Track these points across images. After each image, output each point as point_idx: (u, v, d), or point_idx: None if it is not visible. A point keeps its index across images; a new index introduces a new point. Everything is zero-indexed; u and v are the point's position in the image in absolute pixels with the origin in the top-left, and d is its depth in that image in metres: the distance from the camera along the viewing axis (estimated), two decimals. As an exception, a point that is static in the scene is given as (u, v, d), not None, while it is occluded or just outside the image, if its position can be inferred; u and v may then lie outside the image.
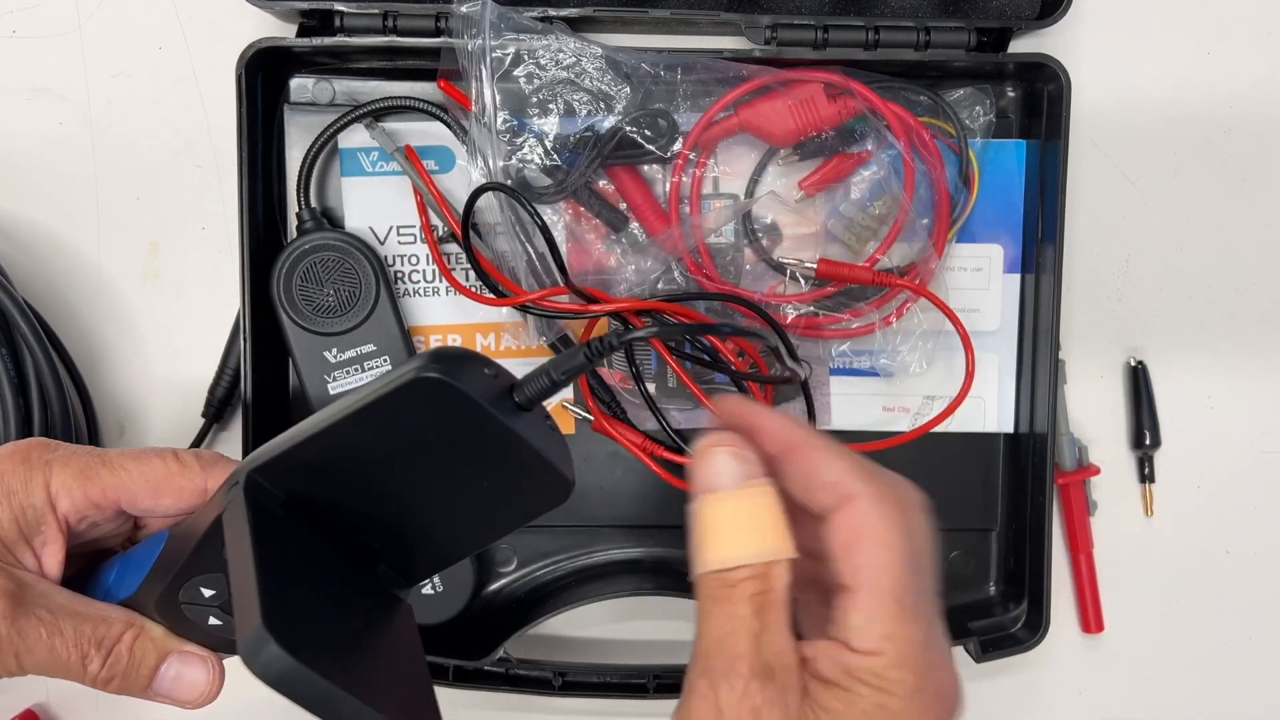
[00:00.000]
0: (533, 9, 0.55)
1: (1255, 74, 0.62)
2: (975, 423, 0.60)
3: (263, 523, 0.36)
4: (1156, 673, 0.64)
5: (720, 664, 0.33)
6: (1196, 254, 0.62)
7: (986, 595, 0.61)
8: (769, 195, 0.58)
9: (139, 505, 0.42)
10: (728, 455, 0.35)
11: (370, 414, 0.35)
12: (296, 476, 0.37)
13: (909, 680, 0.32)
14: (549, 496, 0.38)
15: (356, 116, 0.56)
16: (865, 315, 0.57)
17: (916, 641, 0.33)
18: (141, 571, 0.41)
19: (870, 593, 0.33)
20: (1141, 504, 0.63)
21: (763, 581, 0.33)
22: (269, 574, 0.34)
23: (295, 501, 0.37)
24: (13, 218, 0.60)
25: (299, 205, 0.56)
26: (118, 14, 0.60)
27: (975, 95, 0.58)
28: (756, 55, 0.56)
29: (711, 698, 0.33)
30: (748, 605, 0.33)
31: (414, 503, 0.38)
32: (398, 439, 0.36)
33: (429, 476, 0.37)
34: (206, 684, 0.42)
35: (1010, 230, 0.59)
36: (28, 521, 0.40)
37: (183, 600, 0.40)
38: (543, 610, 0.58)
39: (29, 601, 0.39)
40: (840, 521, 0.34)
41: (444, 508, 0.39)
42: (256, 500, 0.37)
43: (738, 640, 0.33)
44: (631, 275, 0.56)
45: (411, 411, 0.35)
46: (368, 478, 0.37)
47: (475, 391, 0.35)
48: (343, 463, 0.37)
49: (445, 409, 0.35)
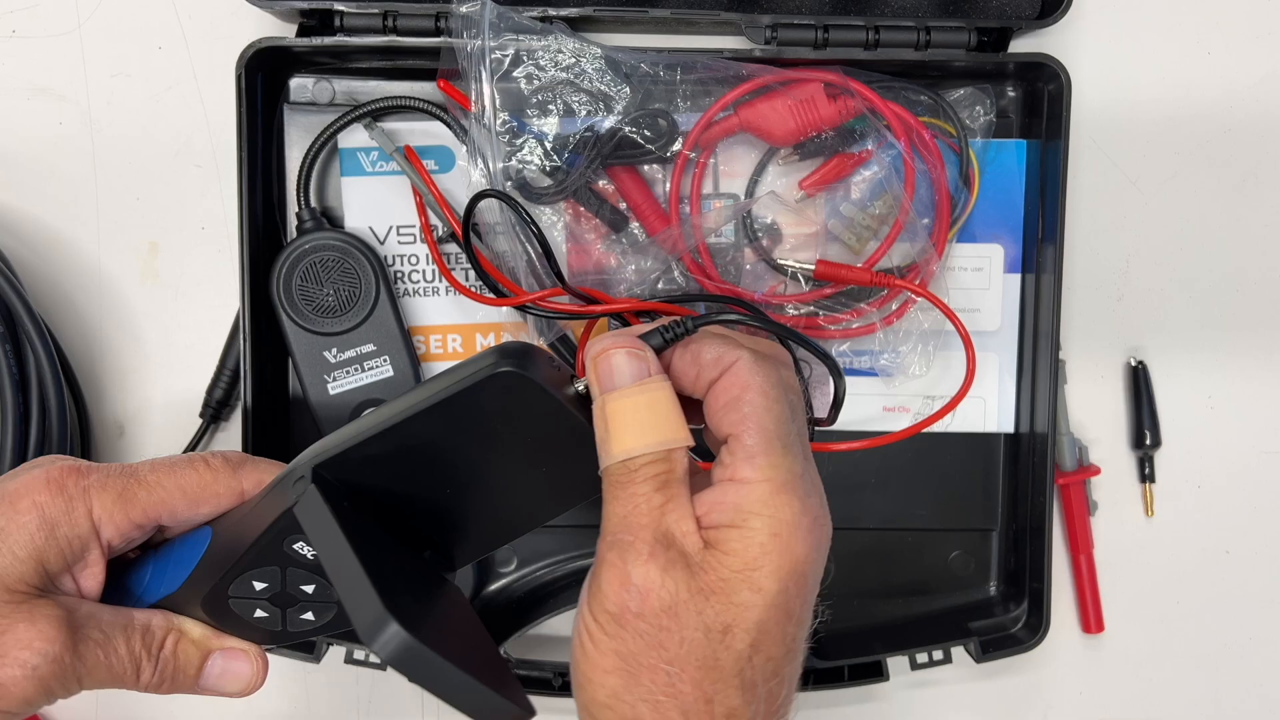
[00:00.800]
0: (532, 9, 0.55)
1: (1255, 74, 0.62)
2: (976, 423, 0.60)
3: (342, 514, 0.37)
4: (1156, 673, 0.64)
5: (626, 536, 0.36)
6: (1196, 254, 0.62)
7: (986, 595, 0.61)
8: (769, 195, 0.58)
9: (179, 518, 0.42)
10: (624, 355, 0.38)
11: (443, 409, 0.37)
12: (361, 470, 0.38)
13: (794, 504, 0.35)
14: (597, 482, 0.39)
15: (356, 116, 0.56)
16: (865, 315, 0.57)
17: (795, 472, 0.36)
18: (184, 569, 0.42)
19: (755, 433, 0.36)
20: (1141, 504, 0.63)
21: (663, 464, 0.36)
22: (370, 561, 0.35)
23: (358, 494, 0.39)
24: (13, 218, 0.60)
25: (299, 205, 0.56)
26: (118, 14, 0.60)
27: (975, 95, 0.58)
28: (756, 55, 0.56)
29: (620, 566, 0.35)
30: (649, 484, 0.36)
31: (473, 488, 0.40)
32: (465, 432, 0.38)
33: (490, 466, 0.39)
34: (251, 674, 0.43)
35: (1010, 230, 0.59)
36: (73, 552, 0.41)
37: (232, 595, 0.41)
38: (543, 610, 0.58)
39: (81, 625, 0.40)
40: (723, 383, 0.37)
41: (499, 495, 0.40)
42: (328, 494, 0.38)
43: (640, 515, 0.36)
44: (631, 275, 0.56)
45: (484, 405, 0.37)
46: (431, 468, 0.39)
47: (549, 383, 0.37)
48: (407, 455, 0.38)
49: (517, 401, 0.37)
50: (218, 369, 0.59)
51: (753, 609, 0.35)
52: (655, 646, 0.35)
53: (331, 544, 0.36)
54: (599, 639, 0.36)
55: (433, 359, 0.59)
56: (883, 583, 0.61)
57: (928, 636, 0.59)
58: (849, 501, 0.60)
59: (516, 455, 0.39)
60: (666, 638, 0.35)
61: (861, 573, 0.61)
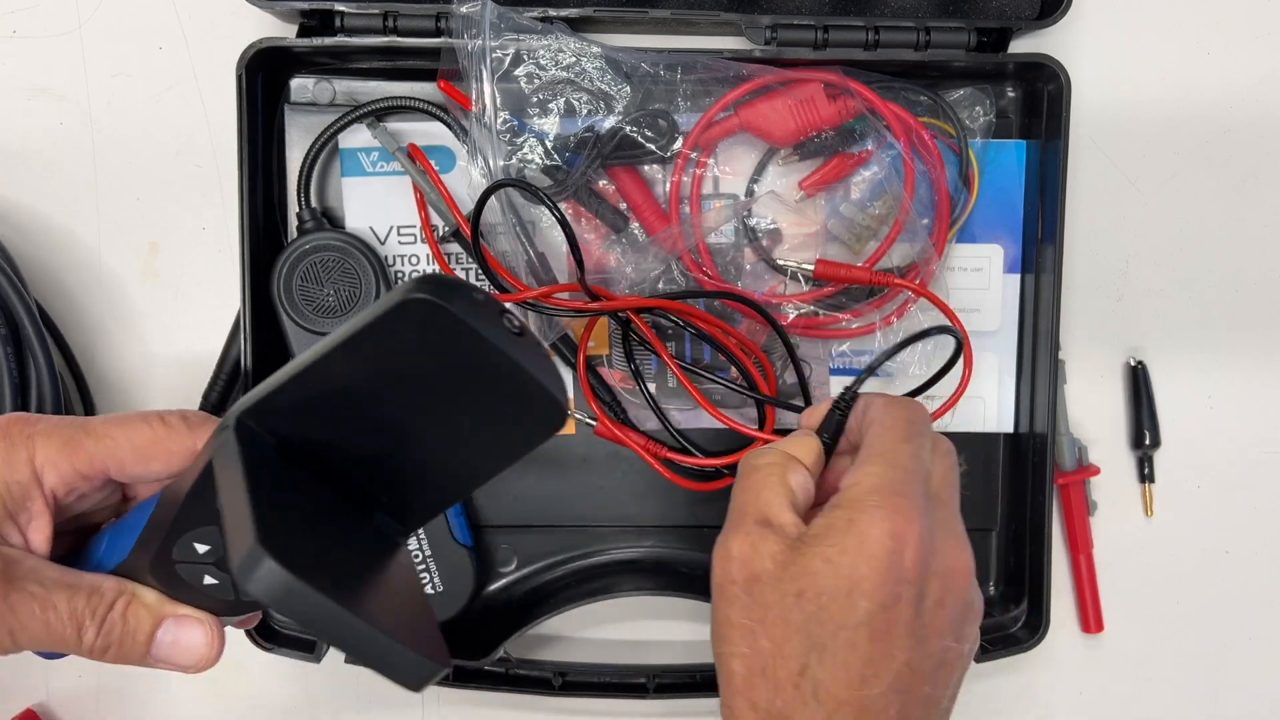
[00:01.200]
0: (533, 9, 0.55)
1: (1255, 74, 0.62)
2: (975, 422, 0.60)
3: (255, 459, 0.35)
4: (1156, 673, 0.64)
5: (734, 518, 0.41)
6: (1196, 254, 0.62)
7: (986, 595, 0.61)
8: (769, 195, 0.58)
9: (127, 472, 0.41)
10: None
11: (357, 344, 0.35)
12: (288, 418, 0.36)
13: (875, 500, 0.39)
14: (543, 425, 0.37)
15: (357, 117, 0.56)
16: (865, 315, 0.57)
17: (897, 484, 0.40)
18: (133, 536, 0.40)
19: (866, 449, 0.42)
20: (1141, 504, 0.63)
21: (779, 467, 0.42)
22: (262, 500, 0.33)
23: (288, 445, 0.37)
24: (13, 218, 0.60)
25: (299, 205, 0.56)
26: (118, 14, 0.60)
27: (975, 95, 0.58)
28: (756, 55, 0.56)
29: (724, 543, 0.41)
30: (760, 476, 0.42)
31: (407, 439, 0.37)
32: (387, 370, 0.35)
33: (421, 409, 0.37)
34: (205, 646, 0.41)
35: (1010, 230, 0.59)
36: (13, 499, 0.40)
37: (177, 559, 0.39)
38: (543, 610, 0.58)
39: (19, 577, 0.39)
40: (862, 420, 0.44)
41: (437, 443, 0.38)
42: (248, 441, 0.36)
43: (749, 502, 0.41)
44: (631, 275, 0.56)
45: (400, 339, 0.35)
46: (359, 415, 0.36)
47: (466, 314, 0.34)
48: (333, 400, 0.36)
49: (435, 334, 0.34)
50: (217, 369, 0.59)
51: (821, 576, 0.38)
52: (743, 608, 0.40)
53: (230, 487, 0.34)
54: (712, 601, 0.41)
55: (433, 359, 0.59)
56: (882, 582, 0.61)
57: (927, 636, 0.59)
58: (849, 501, 0.60)
59: (446, 398, 0.36)
60: (751, 600, 0.39)
61: (861, 572, 0.61)
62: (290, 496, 0.36)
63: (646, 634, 0.63)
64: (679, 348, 0.58)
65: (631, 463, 0.59)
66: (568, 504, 0.60)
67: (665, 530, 0.60)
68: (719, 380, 0.56)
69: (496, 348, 0.35)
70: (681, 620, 0.62)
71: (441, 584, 0.57)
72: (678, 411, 0.59)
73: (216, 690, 0.63)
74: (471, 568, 0.58)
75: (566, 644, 0.63)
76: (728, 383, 0.55)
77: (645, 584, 0.59)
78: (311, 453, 0.37)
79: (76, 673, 0.62)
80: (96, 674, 0.62)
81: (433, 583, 0.57)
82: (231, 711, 0.63)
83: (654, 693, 0.59)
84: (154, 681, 0.62)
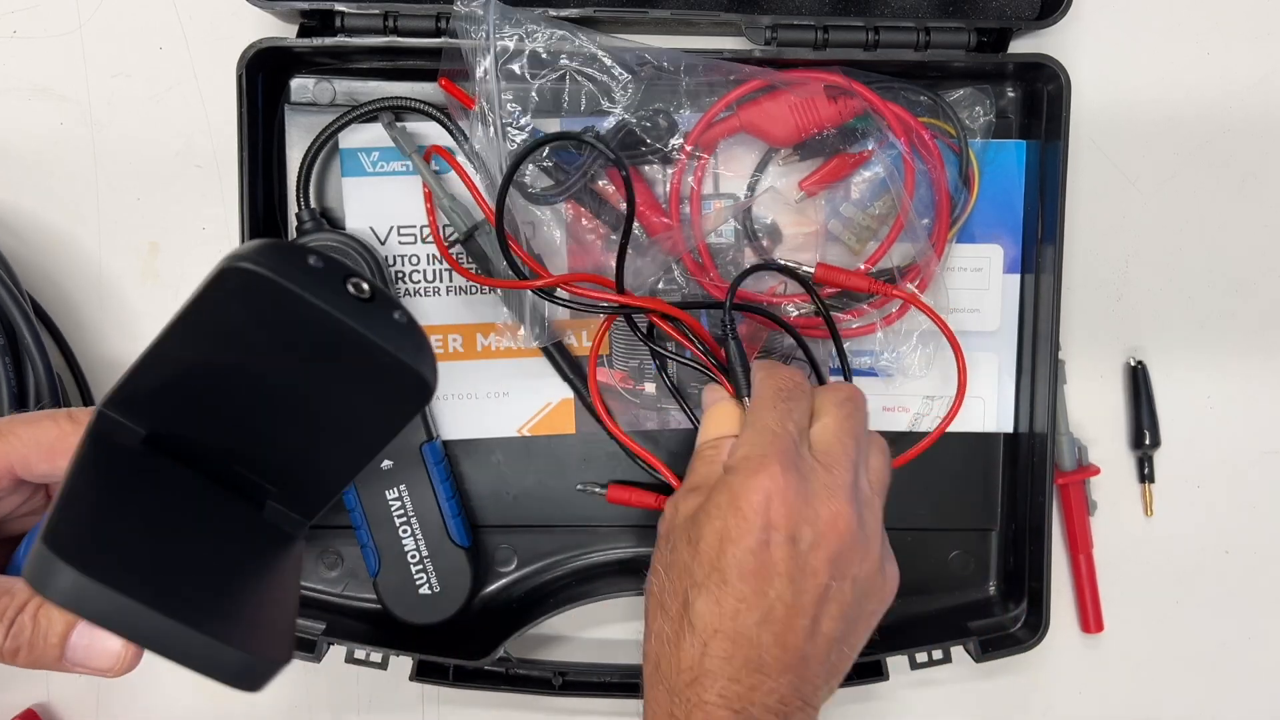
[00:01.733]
0: (533, 9, 0.55)
1: (1255, 74, 0.62)
2: (975, 422, 0.60)
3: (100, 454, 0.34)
4: (1156, 673, 0.64)
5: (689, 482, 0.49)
6: (1196, 254, 0.62)
7: (986, 595, 0.61)
8: (769, 194, 0.58)
9: (35, 471, 0.40)
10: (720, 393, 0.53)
11: (191, 321, 0.33)
12: (151, 408, 0.35)
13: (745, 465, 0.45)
14: (407, 398, 0.35)
15: (355, 117, 0.56)
16: (865, 316, 0.57)
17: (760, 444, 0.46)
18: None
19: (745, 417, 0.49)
20: (1141, 504, 0.63)
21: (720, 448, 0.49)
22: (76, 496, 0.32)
23: (161, 437, 0.35)
24: (14, 218, 0.60)
25: (299, 206, 0.56)
26: (118, 14, 0.60)
27: (975, 95, 0.58)
28: (756, 55, 0.56)
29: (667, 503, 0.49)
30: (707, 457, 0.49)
31: (276, 420, 0.36)
32: (231, 347, 0.34)
33: (280, 387, 0.35)
34: (121, 647, 0.39)
35: (1010, 230, 0.59)
36: None
37: None
38: (543, 610, 0.58)
39: None
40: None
41: (307, 423, 0.36)
42: (106, 435, 0.34)
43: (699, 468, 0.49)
44: (631, 276, 0.56)
45: (229, 311, 0.33)
46: (223, 399, 0.35)
47: (290, 279, 0.32)
48: (192, 384, 0.35)
49: (263, 304, 0.32)
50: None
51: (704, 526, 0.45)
52: (660, 552, 0.48)
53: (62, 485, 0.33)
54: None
55: (433, 359, 0.59)
56: (882, 582, 0.61)
57: (927, 636, 0.59)
58: (849, 501, 0.60)
59: (301, 373, 0.34)
60: (665, 546, 0.48)
61: (861, 572, 0.61)
62: (140, 490, 0.35)
63: (646, 634, 0.63)
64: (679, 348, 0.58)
65: (631, 464, 0.59)
66: (568, 504, 0.60)
67: (665, 530, 0.60)
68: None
69: (332, 314, 0.32)
70: (681, 620, 0.62)
71: (438, 585, 0.57)
72: (678, 411, 0.59)
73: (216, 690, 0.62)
74: (469, 569, 0.58)
75: (566, 644, 0.63)
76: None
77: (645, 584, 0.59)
78: (187, 444, 0.36)
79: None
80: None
81: (429, 583, 0.57)
82: (231, 711, 0.63)
83: (654, 692, 0.59)
84: (154, 682, 0.62)
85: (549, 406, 0.59)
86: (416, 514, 0.57)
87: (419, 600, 0.57)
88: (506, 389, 0.59)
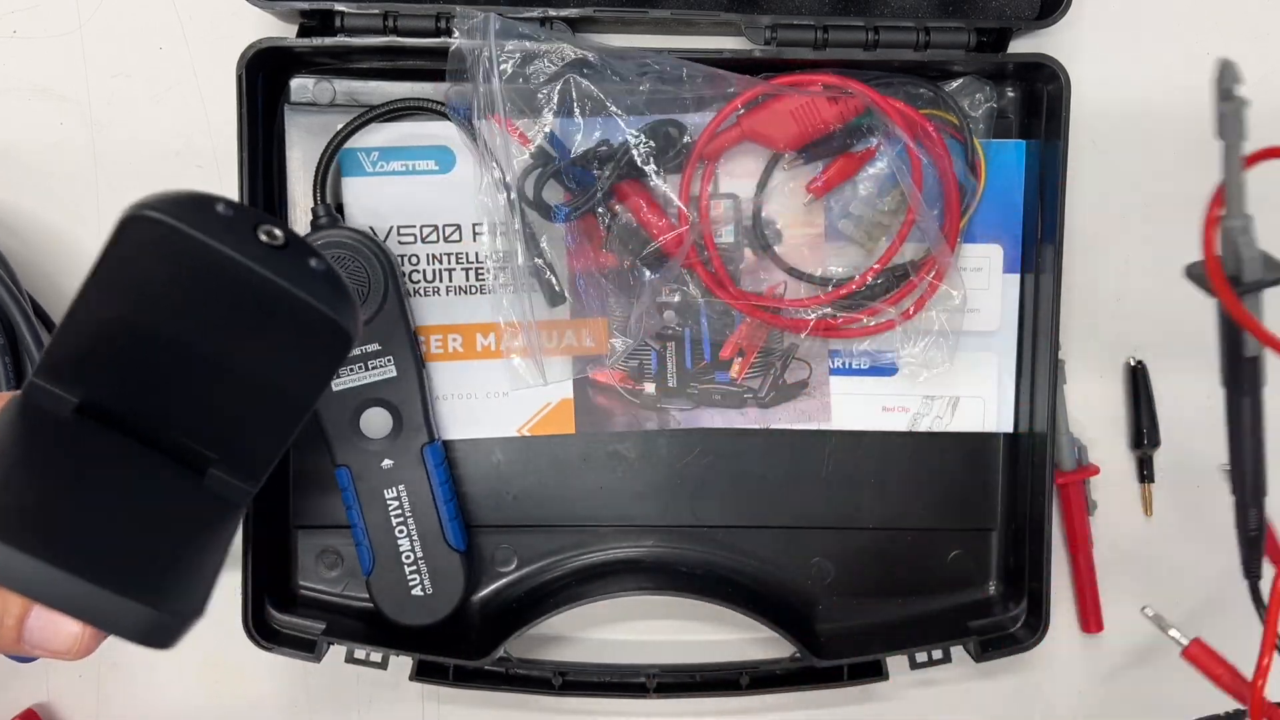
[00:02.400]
0: (533, 9, 0.55)
1: (1255, 74, 0.61)
2: (975, 422, 0.60)
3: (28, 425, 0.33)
4: (1156, 673, 0.64)
5: None
6: (1196, 254, 0.62)
7: (986, 595, 0.61)
8: (776, 198, 0.58)
9: None
10: None
11: (102, 277, 0.33)
12: (80, 376, 0.35)
13: None
14: (327, 346, 0.35)
15: (373, 117, 0.56)
16: (881, 313, 0.57)
17: None
18: None
19: None
20: (1141, 504, 0.63)
21: None
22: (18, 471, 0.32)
23: (92, 406, 0.35)
24: (14, 218, 0.60)
25: (314, 201, 0.56)
26: (118, 14, 0.60)
27: (974, 84, 0.57)
28: (756, 55, 0.56)
29: None
30: None
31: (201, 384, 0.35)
32: (145, 302, 0.33)
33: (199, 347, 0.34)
34: (79, 629, 0.38)
35: (1010, 230, 0.59)
36: None
37: None
38: (543, 610, 0.58)
39: None
40: None
41: (232, 386, 0.35)
42: (36, 406, 0.34)
43: None
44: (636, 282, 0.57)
45: (140, 264, 0.32)
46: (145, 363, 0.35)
47: (194, 225, 0.32)
48: (114, 349, 0.34)
49: (173, 254, 0.32)
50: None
51: None
52: None
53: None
54: None
55: (433, 359, 0.59)
56: (882, 582, 0.61)
57: (927, 636, 0.59)
58: (847, 500, 0.60)
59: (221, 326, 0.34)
60: None
61: (861, 572, 0.61)
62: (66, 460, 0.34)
63: (646, 634, 0.63)
64: (679, 348, 0.58)
65: (630, 463, 0.59)
66: (568, 504, 0.60)
67: (665, 530, 0.61)
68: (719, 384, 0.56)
69: (241, 261, 0.32)
70: (681, 620, 0.62)
71: (431, 587, 0.57)
72: (678, 411, 0.59)
73: (216, 690, 0.63)
74: (462, 573, 0.58)
75: (566, 644, 0.63)
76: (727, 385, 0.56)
77: (645, 584, 0.59)
78: (122, 412, 0.35)
79: (77, 672, 0.62)
80: (97, 674, 0.62)
81: (422, 585, 0.57)
82: (231, 711, 0.63)
83: (654, 693, 0.59)
84: (154, 682, 0.63)
85: (549, 406, 0.59)
86: (414, 515, 0.57)
87: (410, 601, 0.57)
88: (506, 389, 0.59)
